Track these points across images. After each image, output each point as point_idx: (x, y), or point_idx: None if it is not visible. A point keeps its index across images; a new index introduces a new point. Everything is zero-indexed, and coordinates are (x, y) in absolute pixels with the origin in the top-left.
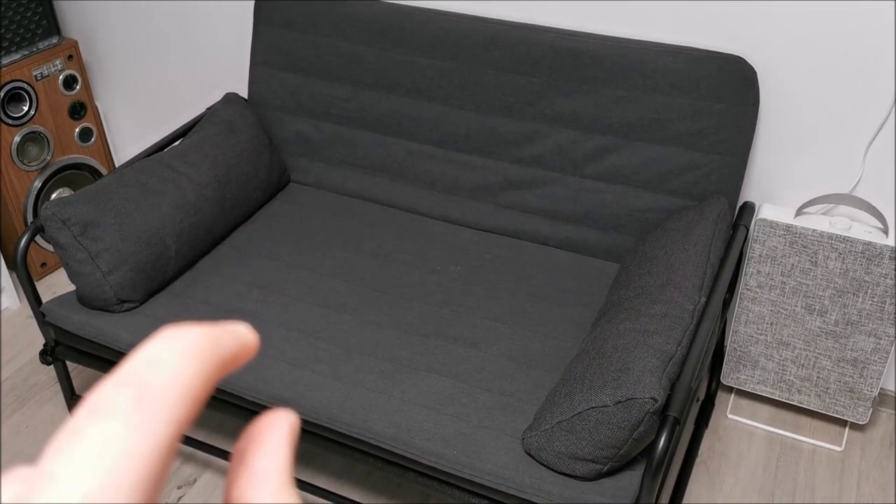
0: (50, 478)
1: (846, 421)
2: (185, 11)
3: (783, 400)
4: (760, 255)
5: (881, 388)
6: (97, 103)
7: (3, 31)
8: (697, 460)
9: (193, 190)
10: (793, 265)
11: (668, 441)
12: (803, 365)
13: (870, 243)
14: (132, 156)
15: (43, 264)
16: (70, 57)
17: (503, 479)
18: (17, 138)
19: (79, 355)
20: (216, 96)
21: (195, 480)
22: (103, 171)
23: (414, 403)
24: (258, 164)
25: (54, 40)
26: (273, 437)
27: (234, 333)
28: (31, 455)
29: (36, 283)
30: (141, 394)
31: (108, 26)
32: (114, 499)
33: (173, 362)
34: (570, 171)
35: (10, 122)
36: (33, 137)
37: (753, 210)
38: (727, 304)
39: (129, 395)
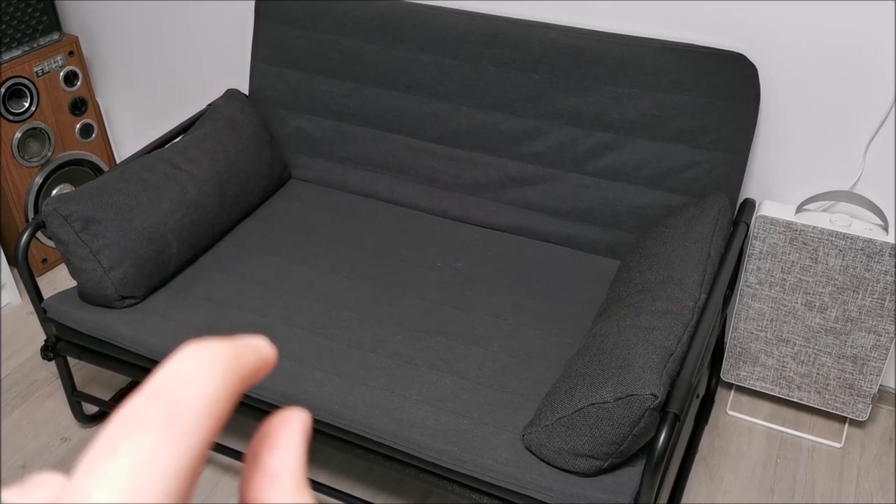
0: (84, 494)
1: (846, 417)
2: (187, 7)
3: (783, 396)
4: (761, 252)
5: (881, 385)
6: (98, 99)
7: (3, 27)
8: (697, 457)
9: (194, 186)
10: (793, 262)
11: (668, 437)
12: (803, 361)
13: (870, 240)
14: (133, 152)
15: (44, 260)
16: (71, 53)
17: (504, 475)
18: (18, 134)
19: (80, 351)
20: (217, 93)
21: None
22: (104, 167)
23: (415, 400)
24: (259, 161)
25: (55, 36)
26: (287, 435)
27: (255, 348)
28: (31, 452)
29: (37, 278)
30: (171, 409)
31: (109, 22)
32: None
33: (200, 378)
34: (570, 168)
35: (11, 118)
36: (34, 133)
37: (754, 207)
38: (727, 300)
39: (159, 410)
